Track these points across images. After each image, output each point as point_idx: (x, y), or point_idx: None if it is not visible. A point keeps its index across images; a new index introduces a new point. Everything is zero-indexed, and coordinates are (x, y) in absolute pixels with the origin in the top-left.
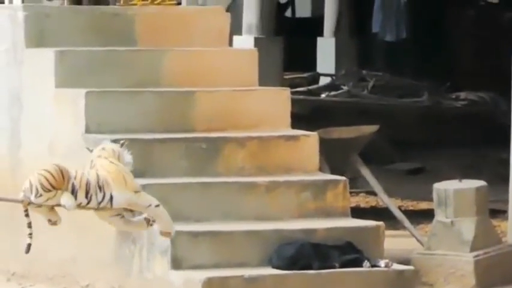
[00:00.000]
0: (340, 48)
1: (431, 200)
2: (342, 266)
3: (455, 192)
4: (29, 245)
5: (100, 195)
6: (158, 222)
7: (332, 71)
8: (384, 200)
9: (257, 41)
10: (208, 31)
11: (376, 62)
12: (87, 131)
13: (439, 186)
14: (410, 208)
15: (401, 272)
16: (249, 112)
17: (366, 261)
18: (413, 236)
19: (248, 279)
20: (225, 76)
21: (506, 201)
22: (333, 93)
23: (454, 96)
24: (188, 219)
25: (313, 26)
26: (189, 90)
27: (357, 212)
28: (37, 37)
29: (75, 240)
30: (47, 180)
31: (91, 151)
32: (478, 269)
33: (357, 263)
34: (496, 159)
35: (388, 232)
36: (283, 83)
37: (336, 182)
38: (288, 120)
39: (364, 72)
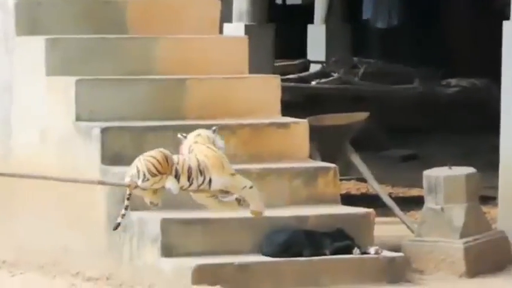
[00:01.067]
0: (331, 35)
1: (422, 186)
2: (332, 253)
3: (445, 179)
4: (118, 224)
5: (200, 179)
6: (251, 202)
7: (323, 58)
8: (374, 187)
9: (248, 29)
10: (200, 19)
11: (367, 49)
12: (78, 118)
13: (429, 173)
14: (401, 195)
15: (391, 259)
16: (240, 100)
17: (356, 248)
18: (404, 223)
19: (239, 266)
20: (216, 64)
21: (497, 188)
22: (323, 80)
23: (446, 83)
24: (179, 207)
25: (304, 13)
26: (180, 78)
27: (348, 199)
28: (28, 25)
29: (66, 229)
30: (154, 165)
31: (185, 137)
32: (468, 255)
33: (348, 250)
34: (488, 146)
35: (378, 219)
36: (274, 71)
37: (326, 169)
38: (279, 107)
39: (355, 59)
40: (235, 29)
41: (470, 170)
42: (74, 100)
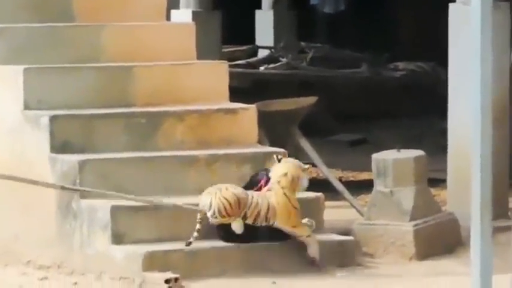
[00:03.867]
0: (278, 20)
1: (371, 170)
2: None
3: (393, 162)
4: (190, 243)
5: (264, 223)
6: (308, 248)
7: (271, 43)
8: (323, 171)
9: (195, 15)
10: (146, 6)
11: (315, 34)
12: (27, 107)
13: (378, 157)
14: (351, 179)
15: (341, 242)
16: (188, 86)
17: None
18: (354, 206)
19: (189, 253)
20: (163, 51)
21: (446, 170)
22: (272, 65)
23: (393, 67)
24: (129, 194)
25: None
26: (127, 65)
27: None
28: None
29: (17, 218)
30: (225, 209)
31: (279, 160)
32: (418, 238)
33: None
34: (437, 129)
35: (328, 203)
36: (222, 57)
37: (274, 154)
38: (227, 93)
39: (303, 44)
40: (183, 15)
41: (419, 152)
42: (22, 89)
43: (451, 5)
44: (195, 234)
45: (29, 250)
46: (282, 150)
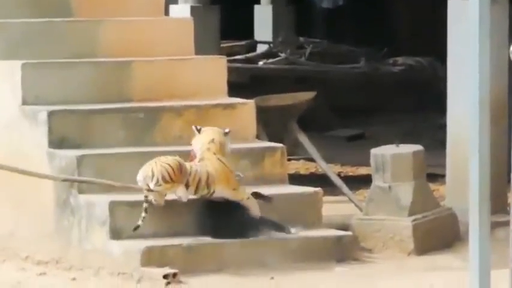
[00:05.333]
0: (277, 15)
1: (370, 165)
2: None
3: (392, 157)
4: (138, 226)
5: (205, 191)
6: (249, 209)
7: (269, 38)
8: (321, 166)
9: (193, 10)
10: (144, 1)
11: (313, 29)
12: (24, 102)
13: (376, 152)
14: (350, 174)
15: (339, 237)
16: (186, 81)
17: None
18: (352, 201)
19: (187, 248)
20: (162, 46)
21: (445, 166)
22: (270, 60)
23: (391, 62)
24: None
25: None
26: (125, 61)
27: (297, 179)
28: None
29: (14, 213)
30: (168, 173)
31: (198, 130)
32: (416, 233)
33: (281, 228)
34: (435, 124)
35: (326, 198)
36: (220, 52)
37: (273, 149)
38: (225, 88)
39: (301, 39)
40: (181, 10)
41: (417, 147)
42: (20, 84)
43: (449, 1)
44: (143, 214)
45: (27, 246)
46: (280, 145)
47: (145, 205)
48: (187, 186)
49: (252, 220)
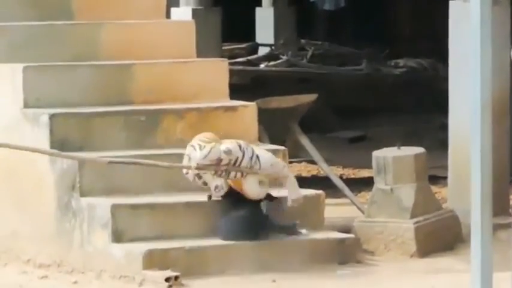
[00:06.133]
0: (278, 17)
1: (372, 167)
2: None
3: (394, 159)
4: (210, 196)
5: (250, 150)
6: (289, 187)
7: (271, 41)
8: (323, 168)
9: (195, 12)
10: (146, 3)
11: (315, 31)
12: (26, 105)
13: (378, 154)
14: (352, 176)
15: (342, 240)
16: (188, 84)
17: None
18: (354, 204)
19: (189, 250)
20: (163, 48)
21: (447, 167)
22: (272, 63)
23: (393, 64)
24: (128, 192)
25: None
26: (127, 63)
27: (299, 181)
28: None
29: (16, 215)
30: (205, 136)
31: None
32: (419, 235)
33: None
34: (437, 125)
35: (329, 201)
36: (222, 54)
37: (275, 152)
38: (227, 91)
39: (303, 41)
40: (183, 13)
41: (419, 150)
42: (21, 87)
43: (451, 2)
44: (216, 187)
45: (28, 248)
46: (282, 147)
47: (202, 181)
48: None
49: (264, 222)
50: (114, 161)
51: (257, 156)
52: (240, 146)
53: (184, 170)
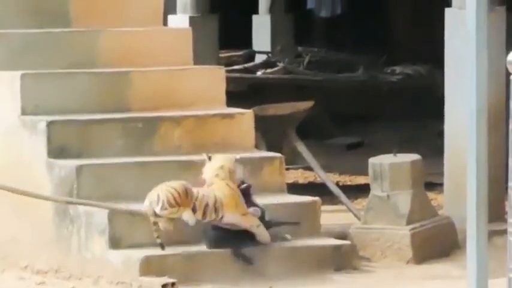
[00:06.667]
0: (275, 25)
1: (368, 174)
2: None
3: (390, 166)
4: (161, 244)
5: (214, 215)
6: (258, 236)
7: (268, 48)
8: (320, 175)
9: (192, 20)
10: (143, 11)
11: (312, 38)
12: (24, 112)
13: (375, 161)
14: (348, 183)
15: (338, 246)
16: (185, 91)
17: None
18: (350, 210)
19: (186, 257)
20: (160, 56)
21: (443, 174)
22: (269, 70)
23: (390, 70)
24: (126, 199)
25: (248, 3)
26: (124, 71)
27: (295, 188)
28: None
29: (14, 222)
30: (174, 197)
31: (209, 159)
32: (415, 242)
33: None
34: (434, 132)
35: (325, 207)
36: (219, 61)
37: (272, 159)
38: (224, 98)
39: (300, 48)
40: (180, 20)
41: (415, 157)
42: (19, 94)
43: (447, 10)
44: (158, 241)
45: (26, 255)
46: (278, 154)
47: (155, 231)
48: (194, 210)
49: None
50: (71, 201)
51: (221, 218)
52: (204, 212)
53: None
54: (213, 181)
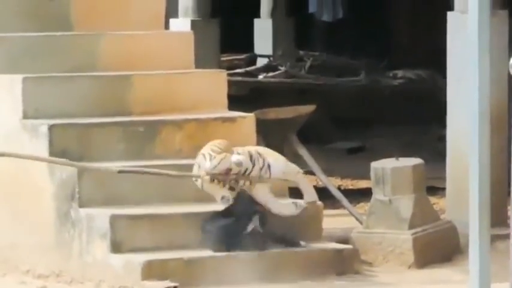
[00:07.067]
0: (277, 29)
1: (370, 178)
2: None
3: (392, 170)
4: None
5: (261, 161)
6: (304, 191)
7: (269, 52)
8: (321, 179)
9: (194, 24)
10: (144, 14)
11: (313, 42)
12: (25, 116)
13: (377, 165)
14: (350, 187)
15: (340, 250)
16: (186, 95)
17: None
18: (352, 214)
19: (188, 261)
20: (162, 59)
21: (445, 179)
22: (270, 74)
23: (391, 75)
24: (127, 203)
25: (250, 7)
26: (125, 74)
27: (297, 192)
28: None
29: (15, 226)
30: (216, 146)
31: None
32: (417, 246)
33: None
34: (435, 136)
35: (327, 211)
36: (220, 65)
37: None
38: (225, 102)
39: (301, 52)
40: (182, 24)
41: (417, 161)
42: (21, 98)
43: (449, 13)
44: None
45: (27, 259)
46: None
47: (221, 190)
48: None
49: (261, 234)
50: (124, 170)
51: (268, 166)
52: (251, 156)
53: (194, 178)
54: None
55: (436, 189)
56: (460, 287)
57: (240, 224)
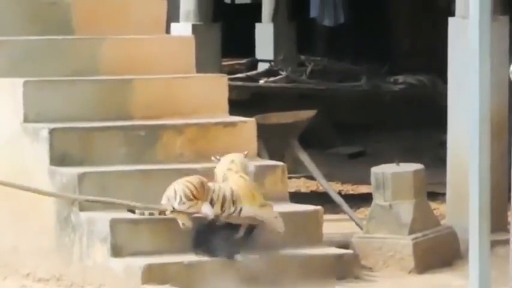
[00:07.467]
0: (278, 33)
1: (370, 183)
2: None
3: (392, 175)
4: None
5: (232, 208)
6: (274, 227)
7: (271, 56)
8: (322, 184)
9: (195, 28)
10: (146, 19)
11: (314, 47)
12: (26, 119)
13: (377, 170)
14: (351, 192)
15: (340, 255)
16: (187, 99)
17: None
18: (352, 219)
19: (188, 265)
20: (163, 63)
21: (445, 184)
22: (271, 78)
23: (392, 80)
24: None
25: (252, 11)
26: (126, 78)
27: (298, 197)
28: None
29: (15, 229)
30: (191, 190)
31: (218, 160)
32: (417, 251)
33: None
34: (436, 142)
35: (327, 216)
36: (221, 70)
37: (274, 167)
38: (226, 106)
39: (302, 57)
40: (183, 28)
41: (418, 166)
42: (22, 101)
43: (450, 19)
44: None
45: (28, 263)
46: (281, 163)
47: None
48: (212, 204)
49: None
50: (89, 199)
51: (240, 210)
52: (224, 202)
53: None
54: (227, 175)
55: (437, 195)
56: None
57: (217, 229)
